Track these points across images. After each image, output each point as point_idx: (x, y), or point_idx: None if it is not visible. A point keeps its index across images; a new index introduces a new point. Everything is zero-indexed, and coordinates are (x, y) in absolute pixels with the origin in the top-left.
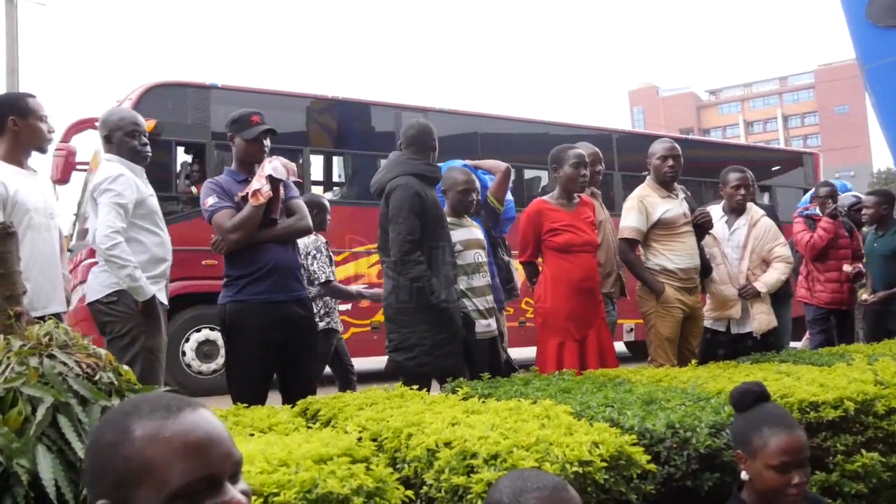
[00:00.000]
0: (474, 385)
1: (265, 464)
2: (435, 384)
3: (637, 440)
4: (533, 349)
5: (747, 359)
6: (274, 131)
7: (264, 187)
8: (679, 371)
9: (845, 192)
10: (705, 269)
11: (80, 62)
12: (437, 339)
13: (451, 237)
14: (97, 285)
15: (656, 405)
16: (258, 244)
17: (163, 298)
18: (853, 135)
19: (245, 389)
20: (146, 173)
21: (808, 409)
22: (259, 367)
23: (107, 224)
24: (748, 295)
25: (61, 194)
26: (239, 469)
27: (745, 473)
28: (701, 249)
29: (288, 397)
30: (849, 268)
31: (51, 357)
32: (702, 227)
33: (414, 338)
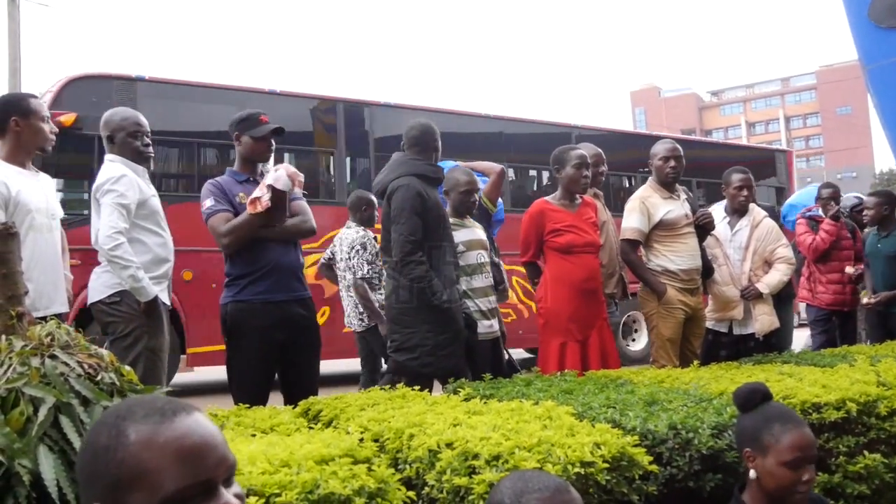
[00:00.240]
0: (476, 386)
1: (267, 464)
2: (437, 385)
3: (639, 441)
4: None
5: (749, 360)
6: (283, 130)
7: (264, 196)
8: (681, 372)
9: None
10: (707, 269)
11: (81, 63)
12: (439, 340)
13: (454, 238)
14: (99, 286)
15: (658, 406)
16: (260, 244)
17: (165, 299)
18: (855, 136)
19: (246, 390)
20: (147, 173)
21: (811, 411)
22: (260, 367)
23: (109, 225)
24: (750, 296)
25: None
26: (233, 472)
27: (753, 472)
28: (702, 250)
29: (289, 398)
30: (851, 269)
31: (53, 357)
32: (703, 228)
33: (416, 338)
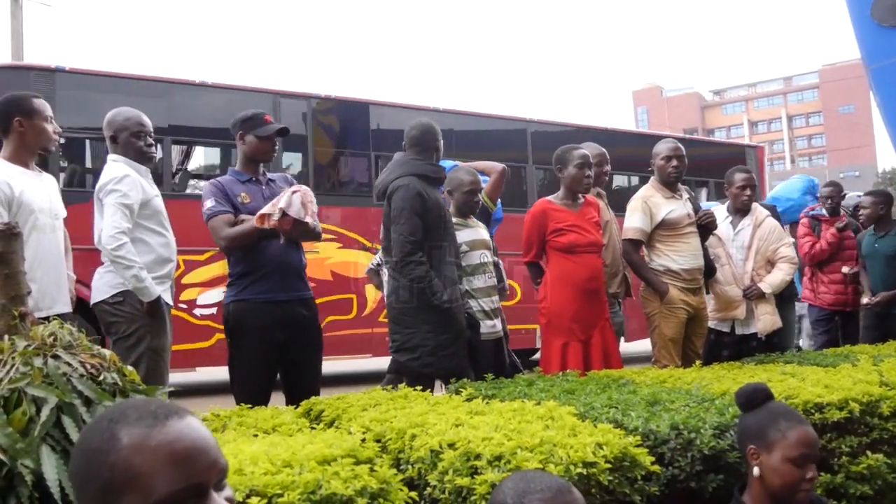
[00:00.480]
0: (478, 386)
1: (269, 465)
2: (438, 385)
3: (641, 441)
4: None
5: (752, 360)
6: (287, 130)
7: (274, 215)
8: (683, 372)
9: (813, 190)
10: (709, 269)
11: (84, 63)
12: (440, 340)
13: (457, 238)
14: (102, 286)
15: (660, 406)
16: (262, 243)
17: (168, 299)
18: (858, 135)
19: (248, 390)
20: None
21: (813, 411)
22: (262, 367)
23: (112, 224)
24: (753, 296)
25: None
26: (224, 476)
27: (756, 469)
28: (705, 250)
29: (291, 398)
30: (847, 269)
31: (55, 357)
32: (706, 228)
33: (417, 338)
